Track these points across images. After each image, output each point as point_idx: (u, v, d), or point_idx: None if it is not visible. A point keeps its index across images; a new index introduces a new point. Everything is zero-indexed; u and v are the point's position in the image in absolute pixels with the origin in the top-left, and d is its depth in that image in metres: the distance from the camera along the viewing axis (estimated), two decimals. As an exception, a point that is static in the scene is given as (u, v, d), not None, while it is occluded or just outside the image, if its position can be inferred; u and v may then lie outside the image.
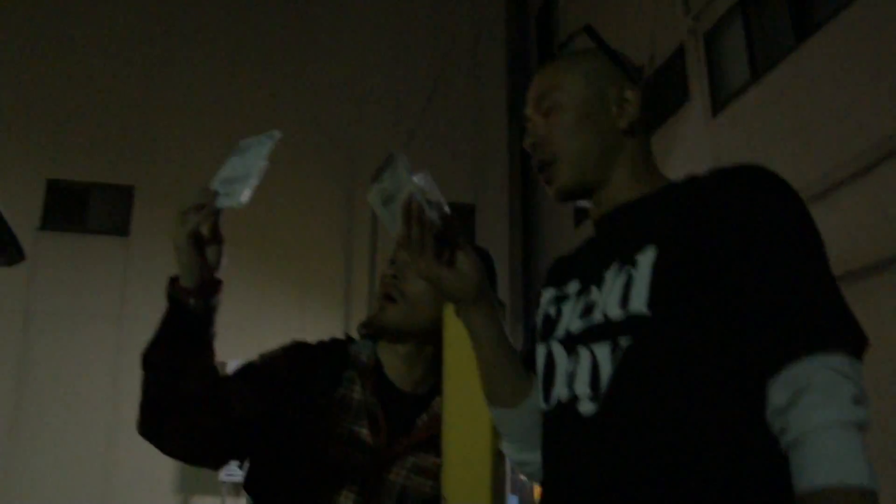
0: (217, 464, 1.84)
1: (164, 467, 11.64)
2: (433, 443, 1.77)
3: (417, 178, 1.48)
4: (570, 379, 1.43)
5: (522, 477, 1.68)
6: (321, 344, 2.05)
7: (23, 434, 11.71)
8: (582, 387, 1.39)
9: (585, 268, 1.56)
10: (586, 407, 1.37)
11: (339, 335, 2.16)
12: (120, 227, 13.01)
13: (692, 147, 9.09)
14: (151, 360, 1.65)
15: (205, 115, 13.57)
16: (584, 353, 1.42)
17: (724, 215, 1.34)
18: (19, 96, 13.13)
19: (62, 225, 12.76)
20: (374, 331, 1.99)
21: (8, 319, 11.67)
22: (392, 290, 1.95)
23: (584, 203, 1.64)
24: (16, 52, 13.31)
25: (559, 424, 1.45)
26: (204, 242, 1.68)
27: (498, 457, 1.67)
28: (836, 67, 6.93)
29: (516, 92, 14.85)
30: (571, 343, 1.47)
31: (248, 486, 1.90)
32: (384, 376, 1.97)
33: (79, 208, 12.97)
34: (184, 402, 1.66)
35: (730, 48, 8.69)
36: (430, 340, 1.92)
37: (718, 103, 8.73)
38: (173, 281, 1.69)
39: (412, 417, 1.92)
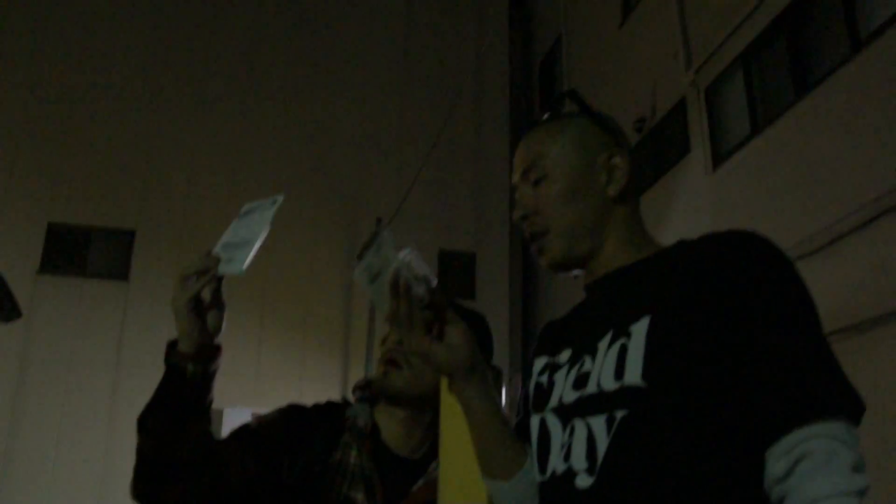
0: None
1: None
2: None
3: (403, 254, 1.47)
4: (566, 451, 1.41)
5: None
6: (317, 407, 2.03)
7: (16, 480, 11.61)
8: (578, 460, 1.38)
9: (577, 336, 1.54)
10: (583, 480, 1.35)
11: (337, 384, 2.14)
12: (120, 272, 12.99)
13: (693, 199, 9.10)
14: (147, 424, 1.62)
15: (206, 161, 13.63)
16: (579, 426, 1.40)
17: (718, 284, 1.32)
18: (21, 140, 13.19)
19: (62, 269, 12.75)
20: (376, 394, 1.96)
21: (3, 363, 11.62)
22: (397, 356, 1.93)
23: (576, 272, 1.61)
24: (17, 95, 13.40)
25: (556, 497, 1.43)
26: (204, 307, 1.64)
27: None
28: (836, 122, 6.96)
29: (518, 141, 14.90)
30: (566, 414, 1.45)
31: None
32: (381, 441, 1.94)
33: (79, 252, 12.97)
34: (179, 468, 1.63)
35: (730, 102, 8.73)
36: (429, 406, 1.89)
37: (719, 156, 8.75)
38: (171, 345, 1.66)
39: (408, 483, 1.89)
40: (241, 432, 1.87)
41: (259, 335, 12.30)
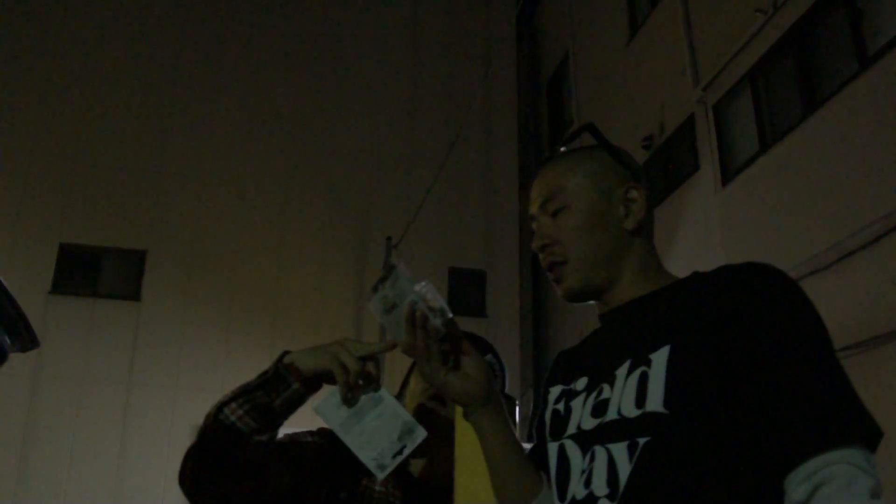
0: None
1: (170, 534, 11.55)
2: None
3: (419, 287, 1.51)
4: (587, 477, 1.43)
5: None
6: None
7: (29, 497, 11.64)
8: (599, 486, 1.40)
9: (594, 364, 1.56)
10: None
11: None
12: (131, 292, 13.05)
13: (701, 216, 9.11)
14: (229, 412, 1.66)
15: (216, 181, 13.70)
16: (599, 452, 1.42)
17: (735, 314, 1.35)
18: (33, 162, 13.28)
19: (74, 289, 12.80)
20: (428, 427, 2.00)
21: (16, 382, 11.66)
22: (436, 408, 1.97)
23: (592, 302, 1.64)
24: (29, 117, 13.50)
25: None
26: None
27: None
28: (845, 139, 6.97)
29: (527, 160, 14.97)
30: (585, 441, 1.47)
31: None
32: (406, 469, 1.97)
33: (90, 273, 13.03)
34: (235, 467, 1.67)
35: (739, 119, 8.75)
36: (453, 433, 1.93)
37: (728, 173, 8.77)
38: (285, 353, 1.69)
39: None
40: (277, 446, 1.90)
41: (270, 350, 12.34)
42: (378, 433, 1.57)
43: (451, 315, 1.52)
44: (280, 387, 1.66)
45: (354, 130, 14.42)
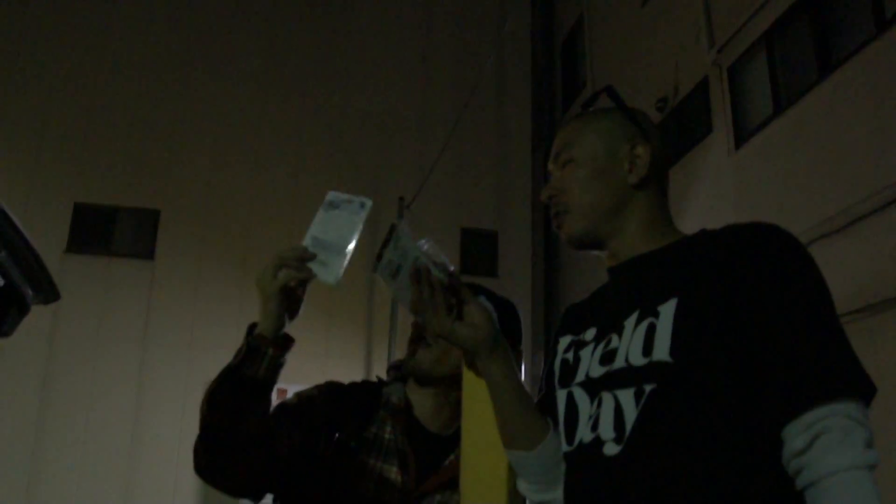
0: (259, 496, 1.91)
1: (184, 489, 11.71)
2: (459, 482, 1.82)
3: (421, 243, 1.57)
4: (594, 422, 1.50)
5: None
6: (354, 385, 2.12)
7: (46, 454, 11.80)
8: (606, 429, 1.47)
9: (603, 315, 1.63)
10: (610, 448, 1.44)
11: (361, 363, 2.23)
12: (145, 251, 13.12)
13: (715, 179, 9.10)
14: (218, 398, 1.71)
15: (229, 142, 13.72)
16: (607, 398, 1.49)
17: (741, 271, 1.42)
18: (47, 122, 13.32)
19: (88, 248, 12.88)
20: (406, 373, 2.05)
21: (33, 342, 11.76)
22: (427, 335, 2.02)
23: (596, 253, 1.71)
24: (43, 78, 13.51)
25: (583, 465, 1.52)
26: (288, 295, 1.73)
27: (514, 496, 1.71)
28: (859, 101, 6.95)
29: (540, 121, 14.92)
30: (593, 388, 1.54)
31: None
32: (414, 418, 2.03)
33: (105, 232, 13.10)
34: (242, 441, 1.72)
35: (753, 81, 8.71)
36: (458, 384, 1.97)
37: (741, 136, 8.74)
38: (251, 327, 1.73)
39: (440, 457, 1.98)
40: (286, 407, 1.96)
41: (283, 314, 12.40)
42: (406, 287, 1.60)
43: (452, 268, 1.60)
44: (257, 358, 1.69)
45: (368, 92, 14.39)
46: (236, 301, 12.43)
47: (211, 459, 1.76)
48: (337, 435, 1.95)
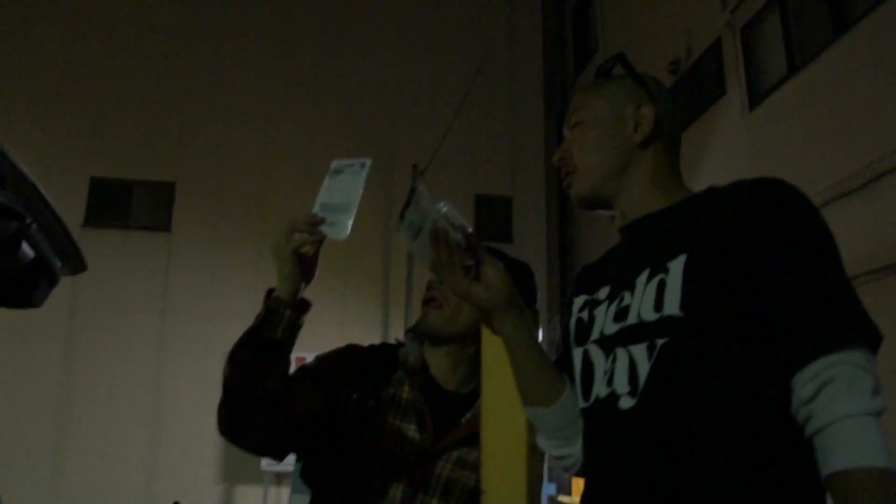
0: (282, 455, 1.97)
1: (207, 457, 11.84)
2: (477, 439, 1.87)
3: (440, 206, 1.63)
4: (609, 377, 1.55)
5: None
6: (372, 347, 2.19)
7: (69, 426, 11.95)
8: (621, 384, 1.52)
9: (615, 274, 1.67)
10: (625, 402, 1.49)
11: (378, 328, 2.29)
12: (162, 223, 13.20)
13: (729, 141, 9.08)
14: (237, 358, 1.77)
15: (242, 112, 13.73)
16: (621, 354, 1.54)
17: (749, 225, 1.45)
18: (62, 96, 13.36)
19: (106, 222, 12.96)
20: (419, 334, 2.10)
21: (54, 314, 11.87)
22: (437, 295, 2.09)
23: (604, 212, 1.78)
24: (58, 53, 13.54)
25: (600, 419, 1.57)
26: (302, 259, 1.79)
27: (533, 451, 1.76)
28: (874, 61, 6.91)
29: (552, 85, 14.87)
30: (608, 344, 1.59)
31: (306, 477, 2.03)
32: (430, 377, 2.09)
33: (122, 205, 13.17)
34: (261, 401, 1.79)
35: (767, 42, 8.66)
36: (471, 342, 2.03)
37: (755, 97, 8.71)
38: (270, 291, 1.80)
39: (457, 415, 2.05)
40: (306, 369, 2.03)
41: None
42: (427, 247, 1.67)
43: (470, 229, 1.66)
44: (275, 320, 1.77)
45: (380, 59, 14.36)
46: (253, 270, 12.51)
47: (233, 419, 1.82)
48: (356, 395, 2.00)
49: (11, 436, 11.69)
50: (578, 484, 8.71)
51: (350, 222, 1.74)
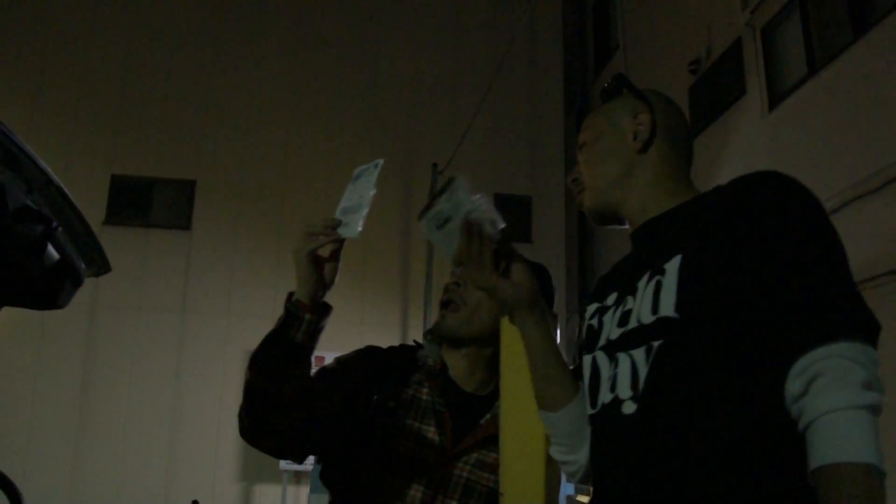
0: (302, 458, 2.00)
1: (226, 455, 11.89)
2: (496, 440, 1.88)
3: (476, 198, 1.65)
4: (613, 383, 1.57)
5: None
6: (392, 349, 2.21)
7: (90, 423, 12.02)
8: (623, 389, 1.53)
9: (622, 280, 1.70)
10: (628, 407, 1.50)
11: (397, 329, 2.32)
12: (182, 221, 13.25)
13: (748, 141, 9.05)
14: (258, 361, 1.80)
15: (262, 110, 13.77)
16: (623, 358, 1.55)
17: (742, 219, 1.45)
18: (84, 95, 13.43)
19: (126, 220, 13.03)
20: (438, 336, 2.12)
21: (74, 312, 11.94)
22: (455, 297, 2.11)
23: (618, 227, 1.80)
24: (80, 51, 13.62)
25: (605, 425, 1.58)
26: (322, 262, 1.82)
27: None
28: (895, 61, 6.88)
29: (572, 84, 14.85)
30: (612, 350, 1.60)
31: (325, 479, 2.05)
32: (449, 378, 2.11)
33: (142, 203, 13.23)
34: (281, 403, 1.81)
35: (787, 42, 8.63)
36: (488, 344, 2.05)
37: (775, 97, 8.67)
38: (290, 295, 1.84)
39: (476, 417, 2.06)
40: (326, 371, 2.05)
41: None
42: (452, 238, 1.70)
43: (503, 225, 1.69)
44: (296, 323, 1.80)
45: (400, 58, 14.38)
46: (273, 269, 12.54)
47: (254, 422, 1.85)
48: (375, 396, 2.02)
49: (33, 433, 11.78)
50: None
51: (360, 221, 1.77)
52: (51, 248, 1.73)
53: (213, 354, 12.36)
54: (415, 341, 2.28)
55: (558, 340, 1.80)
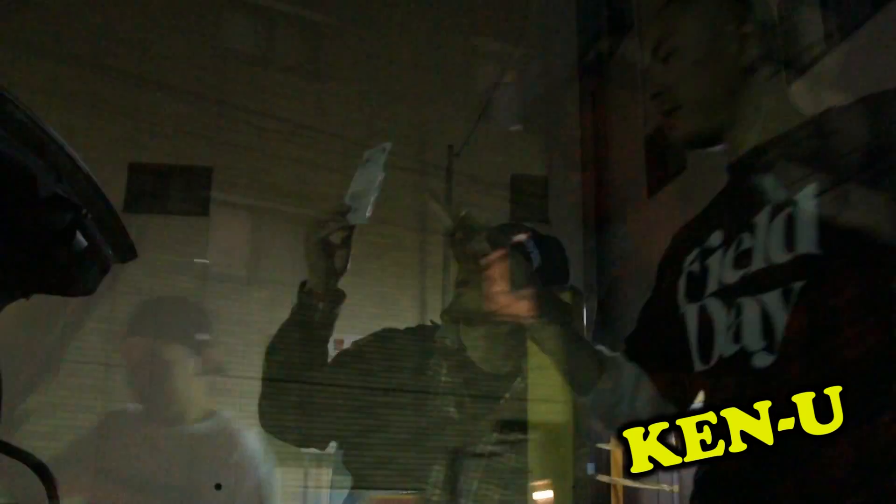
0: (325, 446, 2.00)
1: (248, 440, 11.94)
2: (516, 420, 1.89)
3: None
4: (735, 332, 1.37)
5: (599, 445, 1.78)
6: (409, 330, 2.19)
7: (111, 408, 12.08)
8: (753, 339, 1.34)
9: (728, 217, 1.50)
10: (761, 359, 1.32)
11: (415, 311, 2.33)
12: (200, 208, 13.25)
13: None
14: (277, 351, 1.81)
15: (278, 94, 13.74)
16: (748, 304, 1.36)
17: (881, 146, 1.28)
18: (100, 83, 13.43)
19: (144, 207, 13.04)
20: (454, 316, 2.11)
21: (95, 298, 11.97)
22: (468, 276, 2.08)
23: (711, 150, 1.57)
24: (95, 38, 13.61)
25: (727, 381, 1.40)
26: (333, 249, 1.81)
27: (577, 432, 1.77)
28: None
29: (588, 63, 14.76)
30: (729, 295, 1.40)
31: (348, 463, 2.05)
32: (468, 359, 2.10)
33: (160, 191, 13.23)
34: (301, 392, 1.82)
35: (804, 16, 8.54)
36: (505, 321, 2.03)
37: (792, 72, 8.59)
38: (303, 284, 1.83)
39: (496, 396, 2.04)
40: (342, 356, 2.04)
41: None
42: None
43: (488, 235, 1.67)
44: (311, 311, 1.79)
45: (412, 39, 14.31)
46: (292, 254, 12.53)
47: (274, 413, 1.85)
48: (394, 379, 2.03)
49: (55, 421, 11.84)
50: (618, 463, 8.70)
51: (369, 205, 1.77)
52: (79, 236, 1.74)
53: (232, 342, 12.36)
54: (432, 322, 2.26)
55: (583, 313, 1.75)
